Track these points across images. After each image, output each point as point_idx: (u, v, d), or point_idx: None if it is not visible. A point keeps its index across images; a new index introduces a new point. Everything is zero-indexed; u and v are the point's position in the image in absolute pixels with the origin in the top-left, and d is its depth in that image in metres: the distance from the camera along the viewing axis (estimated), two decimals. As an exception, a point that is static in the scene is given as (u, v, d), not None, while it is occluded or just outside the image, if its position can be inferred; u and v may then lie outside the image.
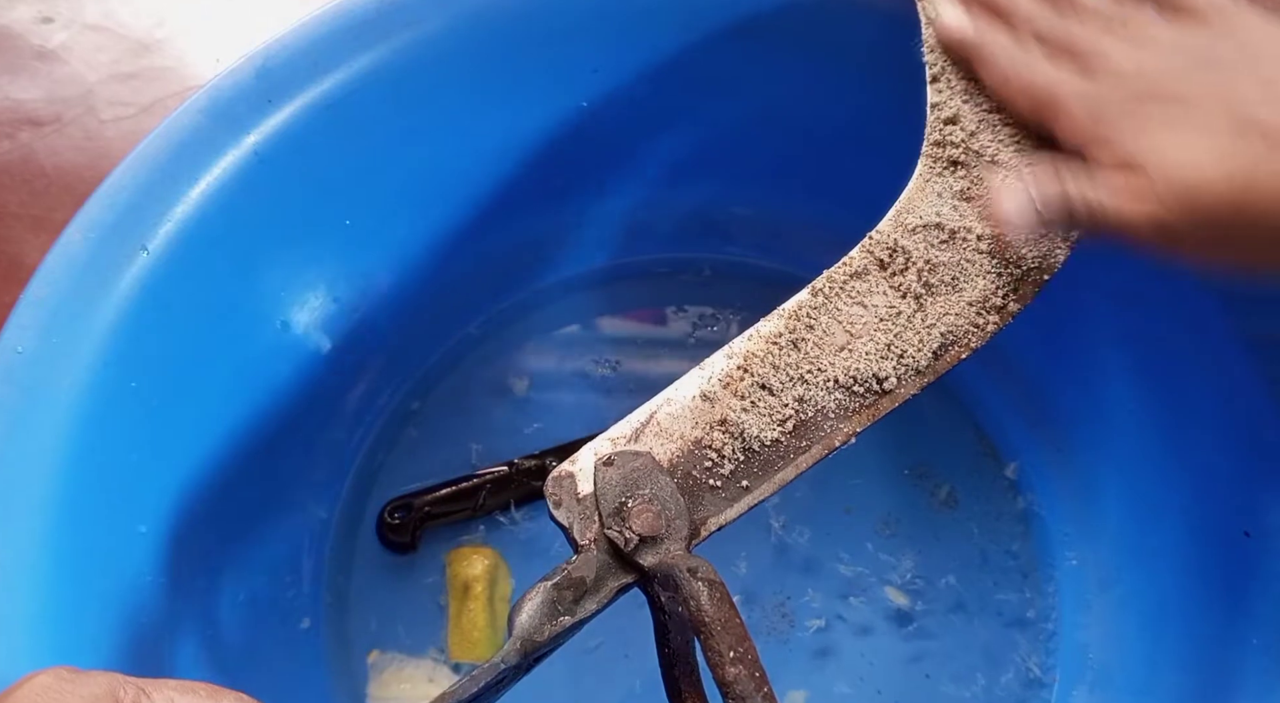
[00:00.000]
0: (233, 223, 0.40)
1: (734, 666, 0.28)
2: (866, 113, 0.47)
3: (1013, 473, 0.52)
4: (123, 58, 0.65)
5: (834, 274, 0.36)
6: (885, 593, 0.50)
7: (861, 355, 0.34)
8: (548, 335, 0.56)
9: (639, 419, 0.34)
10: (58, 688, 0.25)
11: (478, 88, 0.45)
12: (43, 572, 0.34)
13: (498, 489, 0.51)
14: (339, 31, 0.41)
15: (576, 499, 0.32)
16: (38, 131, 0.63)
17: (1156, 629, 0.46)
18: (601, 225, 0.55)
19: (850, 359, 0.34)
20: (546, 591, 0.31)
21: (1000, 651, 0.49)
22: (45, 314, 0.36)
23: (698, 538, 0.32)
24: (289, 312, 0.46)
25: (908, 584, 0.50)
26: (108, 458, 0.37)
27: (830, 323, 0.35)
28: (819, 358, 0.34)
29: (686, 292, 0.56)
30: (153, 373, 0.39)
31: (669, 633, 0.32)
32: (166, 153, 0.39)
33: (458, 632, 0.48)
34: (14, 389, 0.34)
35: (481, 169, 0.49)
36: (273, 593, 0.48)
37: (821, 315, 0.35)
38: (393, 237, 0.49)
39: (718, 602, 0.30)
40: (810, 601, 0.50)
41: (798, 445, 0.33)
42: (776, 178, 0.53)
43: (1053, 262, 0.35)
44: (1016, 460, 0.52)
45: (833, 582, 0.50)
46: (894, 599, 0.50)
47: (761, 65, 0.46)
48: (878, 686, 0.48)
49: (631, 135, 0.50)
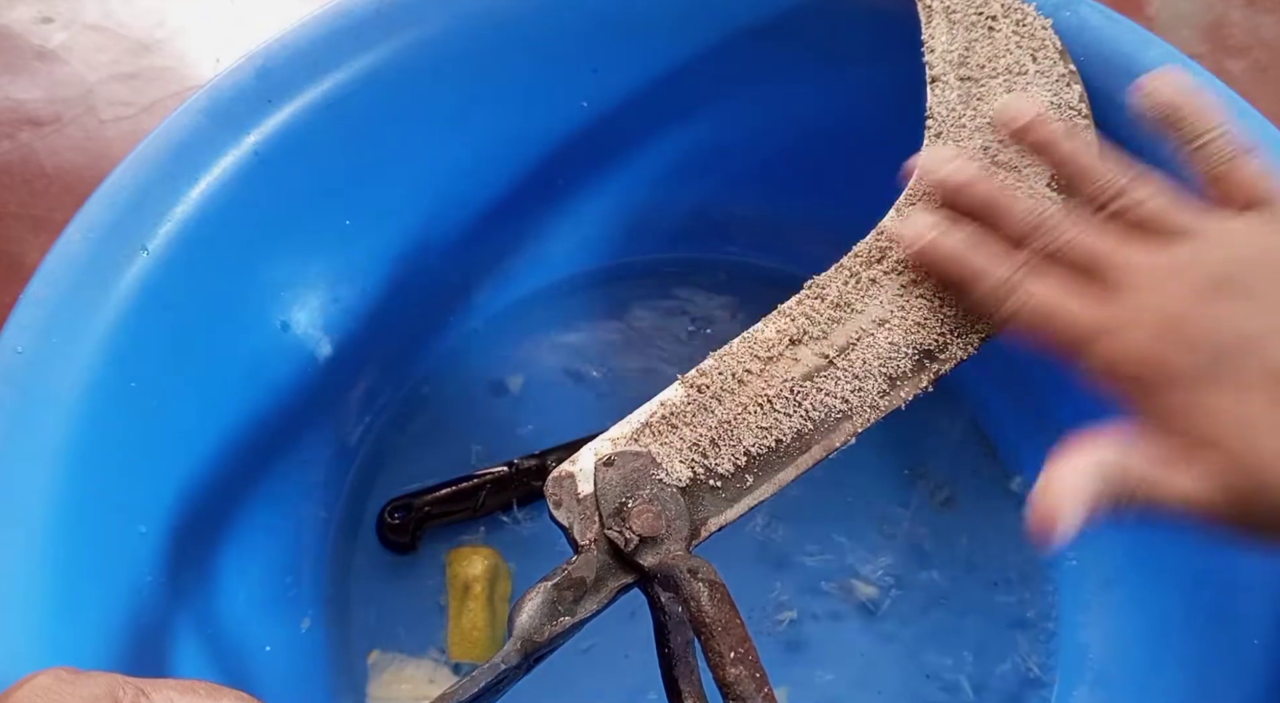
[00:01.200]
0: (233, 223, 0.40)
1: (735, 666, 0.28)
2: (866, 113, 0.47)
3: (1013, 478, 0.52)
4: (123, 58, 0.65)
5: (835, 273, 0.36)
6: (885, 593, 0.50)
7: (863, 353, 0.34)
8: (547, 335, 0.56)
9: (639, 419, 0.34)
10: (57, 689, 0.25)
11: (478, 87, 0.45)
12: (42, 572, 0.34)
13: (498, 489, 0.51)
14: (339, 31, 0.41)
15: (577, 500, 0.32)
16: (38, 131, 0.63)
17: (1156, 629, 0.46)
18: (601, 225, 0.55)
19: (851, 357, 0.34)
20: (547, 591, 0.31)
21: (1000, 650, 0.49)
22: (45, 314, 0.36)
23: (698, 538, 0.32)
24: (289, 312, 0.46)
25: (908, 584, 0.50)
26: (108, 458, 0.37)
27: (831, 322, 0.35)
28: (819, 357, 0.34)
29: (686, 292, 0.56)
30: (153, 373, 0.39)
31: (669, 633, 0.32)
32: (166, 153, 0.39)
33: (458, 632, 0.48)
34: (14, 389, 0.34)
35: (481, 169, 0.49)
36: (273, 593, 0.48)
37: (822, 315, 0.35)
38: (392, 236, 0.49)
39: (718, 603, 0.30)
40: (807, 601, 0.50)
41: (798, 445, 0.33)
42: (776, 178, 0.53)
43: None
44: (1016, 460, 0.52)
45: (832, 581, 0.50)
46: (894, 599, 0.50)
47: (762, 65, 0.46)
48: (877, 686, 0.48)
49: (631, 135, 0.50)
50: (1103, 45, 0.39)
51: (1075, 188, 0.34)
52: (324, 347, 0.49)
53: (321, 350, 0.49)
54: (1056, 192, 0.36)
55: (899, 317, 0.34)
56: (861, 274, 0.35)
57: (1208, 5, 0.66)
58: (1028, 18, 0.39)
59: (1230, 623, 0.42)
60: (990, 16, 0.39)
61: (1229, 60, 0.64)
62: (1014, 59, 0.38)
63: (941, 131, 0.37)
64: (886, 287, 0.35)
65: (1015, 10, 0.39)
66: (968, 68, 0.38)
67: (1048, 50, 0.38)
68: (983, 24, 0.39)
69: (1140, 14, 0.66)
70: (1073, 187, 0.34)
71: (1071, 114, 0.37)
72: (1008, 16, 0.39)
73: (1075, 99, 0.37)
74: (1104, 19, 0.39)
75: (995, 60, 0.38)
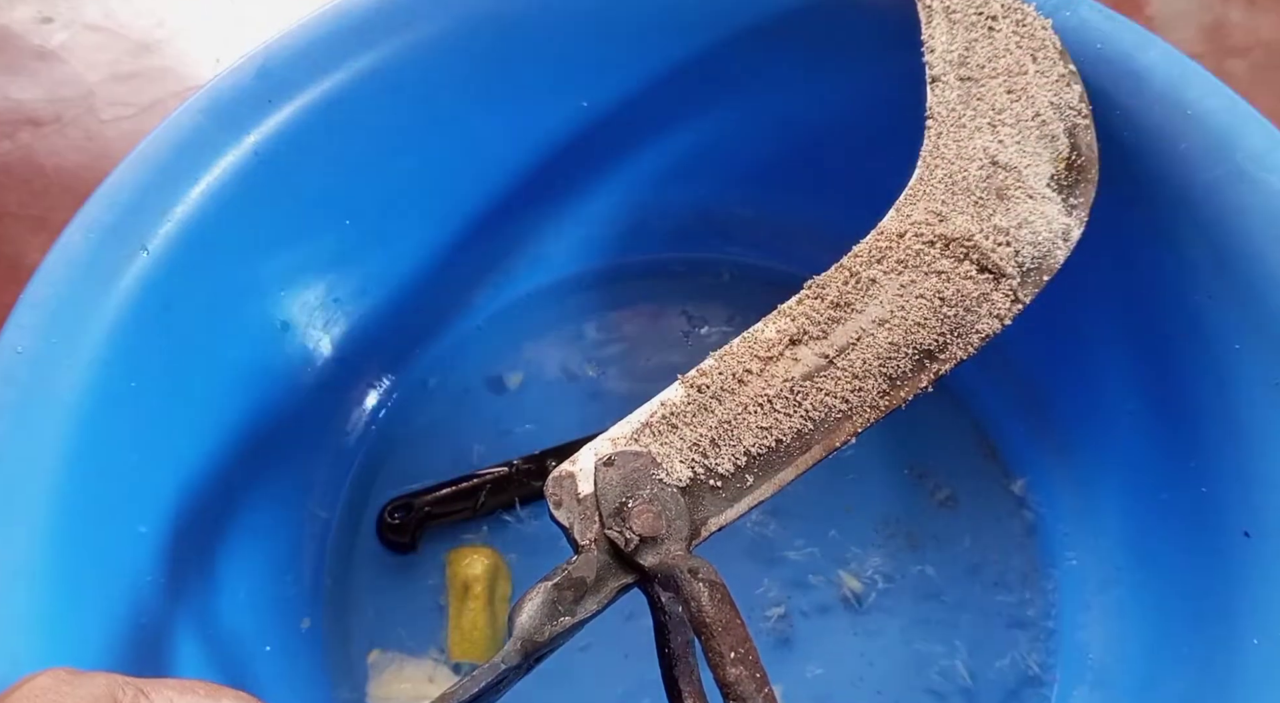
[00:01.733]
0: (233, 223, 0.40)
1: (735, 667, 0.28)
2: (867, 112, 0.47)
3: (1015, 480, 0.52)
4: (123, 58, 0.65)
5: (835, 272, 0.36)
6: (884, 592, 0.50)
7: (863, 353, 0.34)
8: (547, 335, 0.56)
9: (639, 419, 0.34)
10: (56, 690, 0.25)
11: (478, 87, 0.45)
12: (42, 572, 0.34)
13: (498, 489, 0.51)
14: (339, 32, 0.41)
15: (577, 500, 0.32)
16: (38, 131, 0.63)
17: (1156, 629, 0.46)
18: (601, 225, 0.55)
19: (851, 357, 0.34)
20: (547, 591, 0.31)
21: (999, 650, 0.49)
22: (45, 314, 0.36)
23: (698, 538, 0.32)
24: (290, 312, 0.46)
25: (907, 584, 0.50)
26: (108, 458, 0.37)
27: (831, 322, 0.35)
28: (819, 357, 0.34)
29: (686, 292, 0.56)
30: (153, 373, 0.39)
31: (669, 633, 0.32)
32: (167, 153, 0.39)
33: (458, 632, 0.48)
34: (14, 389, 0.34)
35: (481, 168, 0.49)
36: (273, 593, 0.48)
37: (822, 315, 0.35)
38: (392, 237, 0.49)
39: (719, 603, 0.30)
40: (806, 600, 0.50)
41: (798, 445, 0.33)
42: (776, 178, 0.53)
43: (1052, 263, 0.35)
44: (1017, 461, 0.52)
45: (832, 581, 0.50)
46: (893, 598, 0.50)
47: (762, 65, 0.46)
48: (877, 686, 0.48)
49: (632, 135, 0.50)
50: (1103, 45, 0.39)
51: None
52: (324, 347, 0.49)
53: (321, 350, 0.49)
54: (1057, 192, 0.36)
55: (899, 317, 0.34)
56: (861, 274, 0.35)
57: (1208, 5, 0.66)
58: (1028, 18, 0.39)
59: (1229, 623, 0.42)
60: (990, 16, 0.39)
61: (1229, 60, 0.64)
62: (1014, 59, 0.38)
63: (941, 132, 0.37)
64: (886, 287, 0.35)
65: (1015, 10, 0.39)
66: (968, 68, 0.38)
67: (1048, 50, 0.38)
68: (983, 24, 0.39)
69: (1140, 14, 0.66)
70: None
71: (1071, 114, 0.37)
72: (1008, 16, 0.39)
73: (1075, 99, 0.37)
74: (1104, 19, 0.39)
75: (995, 60, 0.38)
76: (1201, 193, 0.38)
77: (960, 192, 0.36)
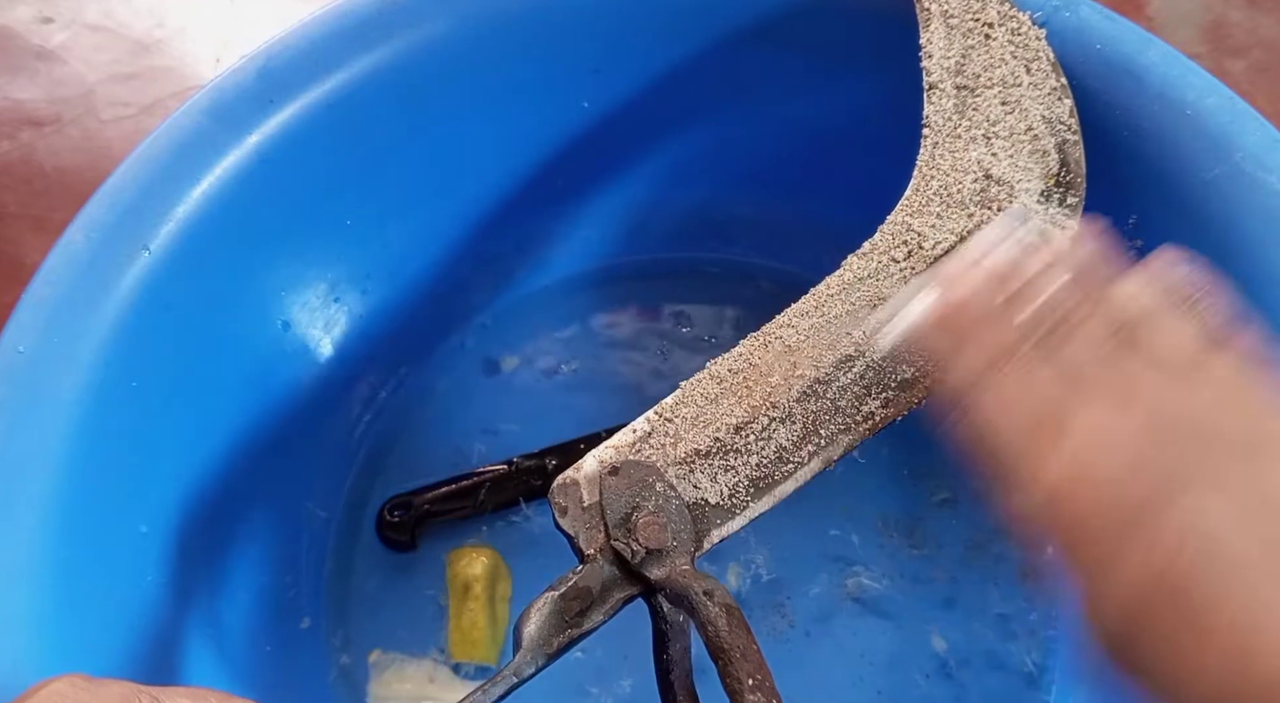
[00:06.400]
0: (234, 223, 0.40)
1: (753, 694, 0.28)
2: (866, 113, 0.47)
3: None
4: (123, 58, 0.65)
5: (833, 286, 0.36)
6: (883, 591, 0.50)
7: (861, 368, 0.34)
8: (547, 335, 0.56)
9: (642, 428, 0.34)
10: (73, 697, 0.25)
11: (478, 88, 0.45)
12: (44, 573, 0.34)
13: (497, 488, 0.51)
14: (340, 32, 0.41)
15: (582, 508, 0.32)
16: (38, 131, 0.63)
17: (1156, 629, 0.46)
18: (601, 225, 0.55)
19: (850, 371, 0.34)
20: (553, 601, 0.31)
21: (999, 650, 0.49)
22: (46, 314, 0.36)
23: (700, 550, 0.32)
24: (290, 311, 0.46)
25: (907, 584, 0.50)
26: (108, 458, 0.37)
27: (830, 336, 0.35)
28: (819, 369, 0.34)
29: (686, 292, 0.56)
30: (153, 373, 0.39)
31: (668, 641, 0.32)
32: (168, 153, 0.39)
33: (458, 632, 0.48)
34: (14, 389, 0.34)
35: (482, 168, 0.49)
36: (273, 593, 0.48)
37: (821, 328, 0.35)
38: (393, 236, 0.49)
39: (735, 628, 0.29)
40: (807, 600, 0.50)
41: (798, 457, 0.34)
42: (776, 178, 0.53)
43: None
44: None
45: (831, 581, 0.50)
46: (892, 597, 0.50)
47: (762, 65, 0.46)
48: (877, 686, 0.48)
49: (631, 135, 0.50)
50: (1102, 45, 0.39)
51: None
52: (324, 347, 0.49)
53: (322, 350, 0.49)
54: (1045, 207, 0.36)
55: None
56: (859, 289, 0.35)
57: (1208, 5, 0.66)
58: (1023, 27, 0.39)
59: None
60: (986, 23, 0.39)
61: (1229, 60, 0.64)
62: (1009, 70, 0.38)
63: (938, 142, 0.37)
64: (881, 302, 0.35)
65: (1011, 18, 0.39)
66: (964, 76, 0.38)
67: (1041, 62, 0.38)
68: (979, 30, 0.39)
69: (1140, 14, 0.66)
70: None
71: (1062, 129, 0.37)
72: (1003, 24, 0.39)
73: (1065, 114, 0.37)
74: (1103, 19, 0.39)
75: (991, 70, 0.38)
76: (1200, 192, 0.38)
77: (955, 205, 0.36)
